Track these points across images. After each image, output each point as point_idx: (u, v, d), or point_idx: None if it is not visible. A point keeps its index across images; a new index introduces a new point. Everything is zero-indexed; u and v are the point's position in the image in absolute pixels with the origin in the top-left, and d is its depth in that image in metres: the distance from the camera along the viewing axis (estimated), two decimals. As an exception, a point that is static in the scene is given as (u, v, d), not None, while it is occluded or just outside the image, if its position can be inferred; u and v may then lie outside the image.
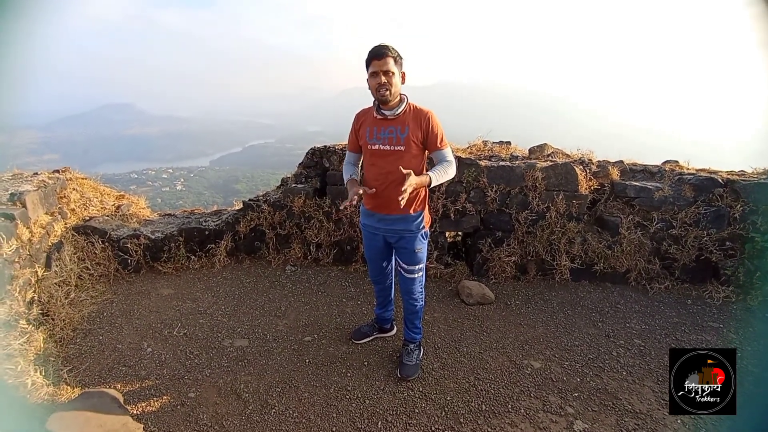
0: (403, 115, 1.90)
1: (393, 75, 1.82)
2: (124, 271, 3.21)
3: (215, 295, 2.99)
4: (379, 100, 1.89)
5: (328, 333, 2.57)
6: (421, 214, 2.03)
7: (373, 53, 1.82)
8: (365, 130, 1.97)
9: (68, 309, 2.62)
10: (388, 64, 1.80)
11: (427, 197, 2.07)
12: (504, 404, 2.01)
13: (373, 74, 1.83)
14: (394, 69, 1.83)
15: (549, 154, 3.55)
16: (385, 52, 1.80)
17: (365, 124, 1.99)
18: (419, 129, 1.89)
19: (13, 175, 3.11)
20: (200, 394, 2.06)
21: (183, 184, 48.38)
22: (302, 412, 1.96)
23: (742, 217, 2.94)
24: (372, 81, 1.84)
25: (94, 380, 2.15)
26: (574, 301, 2.96)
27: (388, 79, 1.82)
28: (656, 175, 3.38)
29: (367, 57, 1.86)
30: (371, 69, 1.83)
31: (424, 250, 2.10)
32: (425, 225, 2.06)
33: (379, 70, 1.81)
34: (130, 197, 3.93)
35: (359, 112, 2.07)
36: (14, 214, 2.44)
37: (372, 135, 1.94)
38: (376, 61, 1.81)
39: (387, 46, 1.83)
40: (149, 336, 2.52)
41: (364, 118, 2.01)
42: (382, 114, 1.91)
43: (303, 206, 3.38)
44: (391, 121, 1.90)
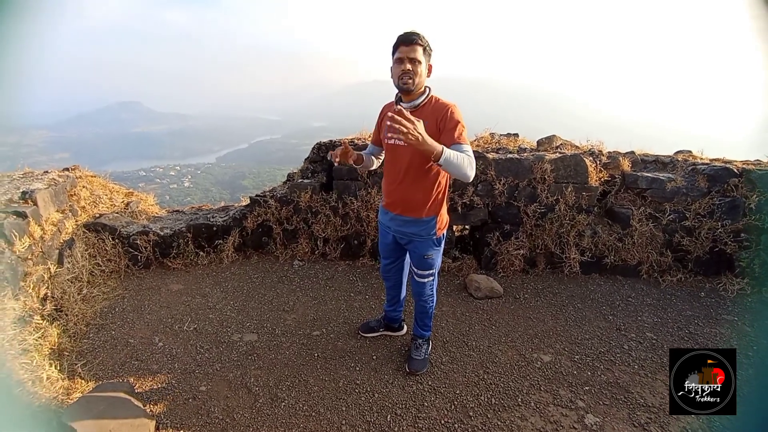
0: (422, 108, 1.76)
1: (419, 64, 1.69)
2: (135, 267, 3.25)
3: (224, 290, 3.01)
4: (401, 89, 1.76)
5: (337, 327, 2.57)
6: (434, 219, 1.89)
7: (402, 38, 1.69)
8: (385, 124, 1.88)
9: (81, 305, 2.67)
10: (416, 52, 1.67)
11: (444, 200, 1.91)
12: (514, 398, 2.00)
13: (398, 60, 1.70)
14: (422, 58, 1.70)
15: (558, 146, 3.49)
16: (414, 39, 1.67)
17: (387, 117, 1.87)
18: (436, 123, 1.71)
19: (24, 173, 3.15)
20: (211, 388, 2.09)
21: (190, 181, 48.87)
22: (312, 406, 1.97)
23: (758, 207, 2.87)
24: (396, 68, 1.71)
25: (107, 374, 2.18)
26: (584, 294, 2.92)
27: (414, 67, 1.68)
28: (668, 166, 3.31)
29: (395, 42, 1.72)
30: (397, 54, 1.70)
31: (436, 257, 1.98)
32: (438, 230, 1.92)
33: (405, 56, 1.67)
34: (138, 194, 3.97)
35: (386, 104, 1.98)
36: (26, 211, 2.47)
37: (390, 128, 1.86)
38: (403, 47, 1.68)
39: (418, 34, 1.68)
40: (160, 331, 2.55)
41: (387, 110, 1.94)
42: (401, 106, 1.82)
43: (310, 201, 3.38)
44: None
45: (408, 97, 1.79)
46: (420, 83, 1.74)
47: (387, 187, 1.97)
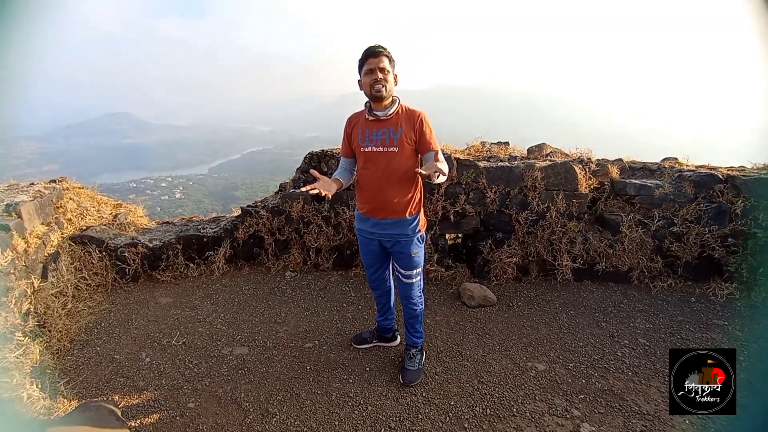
0: (395, 116, 1.88)
1: (388, 73, 1.83)
2: (122, 280, 3.18)
3: (214, 302, 2.96)
4: (374, 97, 1.85)
5: (329, 339, 2.54)
6: (417, 218, 1.99)
7: (369, 51, 1.82)
8: (357, 133, 1.95)
9: (65, 320, 2.59)
10: (384, 62, 1.81)
11: (422, 200, 2.04)
12: (509, 408, 1.98)
13: (368, 71, 1.82)
14: (389, 68, 1.84)
15: (548, 154, 3.54)
16: (380, 51, 1.81)
17: (357, 126, 1.97)
18: (412, 130, 1.87)
19: (8, 185, 3.09)
20: (200, 404, 2.03)
21: (182, 192, 48.41)
22: (304, 421, 1.92)
23: (744, 213, 2.92)
24: (367, 78, 1.83)
25: (91, 392, 2.11)
26: (577, 301, 2.93)
27: (384, 75, 1.81)
28: (656, 173, 3.36)
29: (361, 56, 1.85)
30: (366, 67, 1.83)
31: (421, 254, 2.07)
32: (421, 228, 2.02)
33: (375, 67, 1.80)
34: (127, 206, 3.91)
35: (351, 116, 2.05)
36: (9, 224, 2.41)
37: (364, 137, 1.91)
38: (371, 59, 1.81)
39: (381, 46, 1.84)
40: (148, 346, 2.48)
41: (356, 121, 1.99)
42: (375, 115, 1.89)
43: (302, 211, 3.36)
44: (384, 122, 1.88)
45: (379, 105, 1.88)
46: (390, 91, 1.86)
47: (366, 194, 1.98)
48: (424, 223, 2.08)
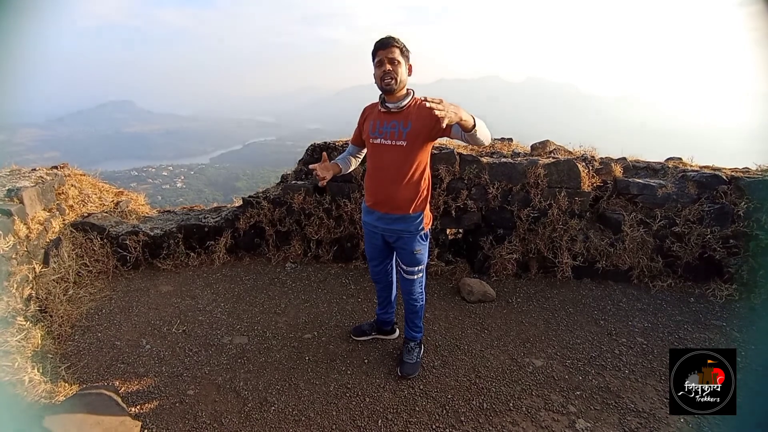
0: (407, 109, 1.83)
1: (399, 64, 1.78)
2: (123, 267, 3.19)
3: (214, 292, 2.97)
4: (384, 90, 1.82)
5: (328, 330, 2.55)
6: (421, 215, 1.96)
7: (379, 43, 1.79)
8: (369, 124, 1.93)
9: (66, 306, 2.61)
10: (394, 53, 1.77)
11: (429, 197, 1.98)
12: (505, 402, 2.00)
13: (378, 63, 1.79)
14: (400, 59, 1.79)
15: (551, 151, 3.52)
16: (391, 41, 1.77)
17: (370, 117, 1.95)
18: (426, 119, 1.74)
19: (10, 171, 3.09)
20: (199, 392, 2.05)
21: (183, 182, 48.40)
22: (302, 410, 1.94)
23: (746, 214, 2.91)
24: (377, 70, 1.80)
25: (92, 377, 2.13)
26: (576, 298, 2.93)
27: (394, 67, 1.77)
28: (659, 172, 3.34)
29: (373, 48, 1.81)
30: (377, 58, 1.79)
31: (424, 251, 2.04)
32: (425, 226, 1.99)
33: (384, 57, 1.77)
34: (129, 194, 3.91)
35: (367, 106, 2.03)
36: (11, 210, 2.42)
37: (375, 128, 1.89)
38: (381, 50, 1.77)
39: (393, 37, 1.79)
40: (148, 333, 2.50)
41: (370, 111, 1.98)
42: (386, 107, 1.86)
43: (303, 203, 3.36)
44: (395, 114, 1.85)
45: (391, 98, 1.84)
46: (402, 82, 1.82)
47: (373, 187, 1.97)
48: (429, 221, 2.03)
